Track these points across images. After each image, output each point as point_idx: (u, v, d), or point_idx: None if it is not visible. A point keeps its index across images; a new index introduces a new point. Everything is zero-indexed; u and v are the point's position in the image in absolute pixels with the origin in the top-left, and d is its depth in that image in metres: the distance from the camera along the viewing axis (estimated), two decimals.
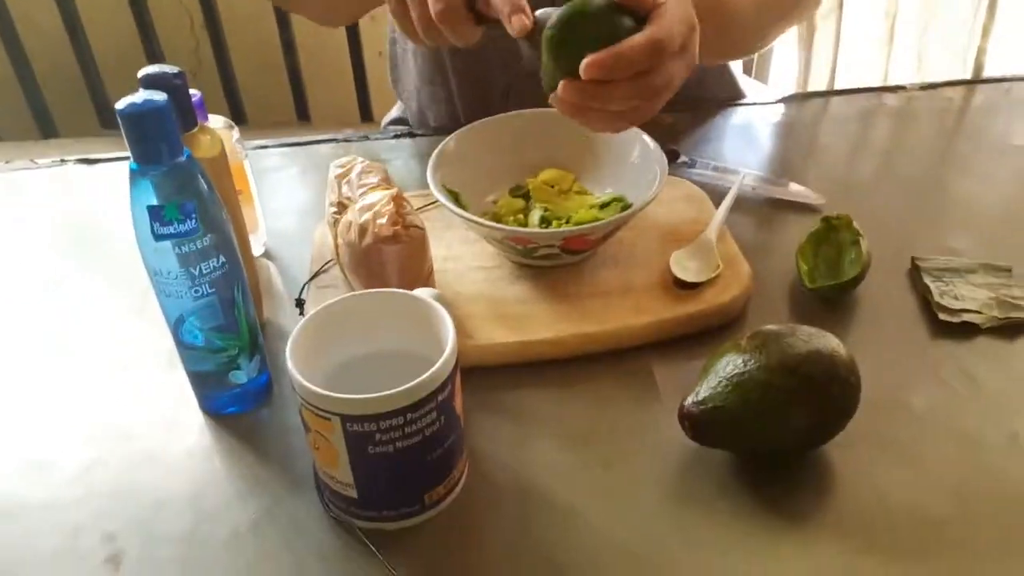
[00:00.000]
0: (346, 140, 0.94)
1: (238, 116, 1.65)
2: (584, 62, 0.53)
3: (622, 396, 0.62)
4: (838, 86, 1.64)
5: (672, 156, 0.84)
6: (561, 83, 0.55)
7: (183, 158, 0.52)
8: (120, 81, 0.58)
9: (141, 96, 0.50)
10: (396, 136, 0.95)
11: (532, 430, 0.60)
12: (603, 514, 0.54)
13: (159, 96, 0.50)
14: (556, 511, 0.55)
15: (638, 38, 0.53)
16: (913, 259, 0.71)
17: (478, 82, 0.93)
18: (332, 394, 0.47)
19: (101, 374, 0.67)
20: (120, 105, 0.49)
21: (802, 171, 0.85)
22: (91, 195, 0.89)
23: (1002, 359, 0.63)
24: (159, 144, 0.50)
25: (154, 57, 1.57)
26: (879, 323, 0.67)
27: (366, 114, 1.67)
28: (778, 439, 0.53)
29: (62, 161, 0.93)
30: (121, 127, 0.50)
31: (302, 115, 1.67)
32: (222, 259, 0.55)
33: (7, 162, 0.94)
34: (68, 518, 0.56)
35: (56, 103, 1.66)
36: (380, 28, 1.60)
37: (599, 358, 0.64)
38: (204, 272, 0.55)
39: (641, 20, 0.55)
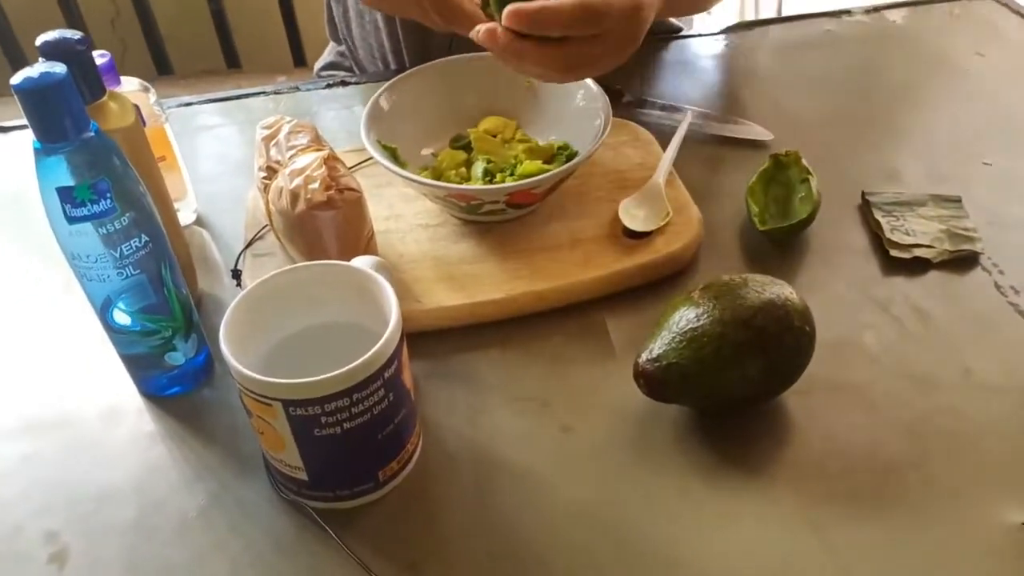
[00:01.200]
0: (276, 92, 0.90)
1: (163, 67, 1.57)
2: (507, 9, 0.52)
3: (576, 354, 0.61)
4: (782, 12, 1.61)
5: (616, 96, 0.81)
6: (482, 27, 0.55)
7: (91, 133, 0.48)
8: (35, 35, 0.53)
9: (38, 69, 0.46)
10: (329, 85, 0.90)
11: (486, 395, 0.58)
12: (562, 477, 0.53)
13: (58, 68, 0.46)
14: (514, 477, 0.53)
15: (568, 1, 0.52)
16: (863, 194, 0.70)
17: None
18: (271, 379, 0.45)
19: (30, 360, 0.63)
20: (15, 80, 0.45)
21: (748, 106, 0.83)
22: (7, 165, 0.84)
23: (954, 294, 0.63)
24: (62, 120, 0.46)
25: (68, 6, 1.47)
26: (831, 262, 0.66)
27: (299, 58, 1.60)
28: (734, 392, 0.52)
29: None
30: (19, 104, 0.46)
31: (232, 62, 1.60)
32: (145, 237, 0.52)
33: None
34: (6, 517, 0.53)
35: None
36: None
37: (551, 315, 0.63)
38: (127, 253, 0.51)
39: None
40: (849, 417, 0.55)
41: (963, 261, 0.65)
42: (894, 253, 0.65)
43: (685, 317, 0.52)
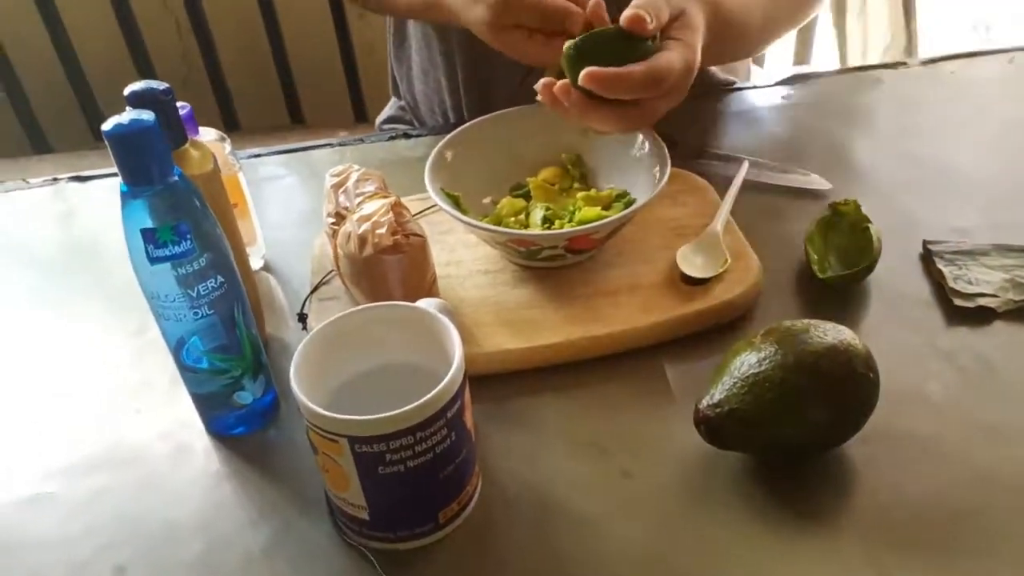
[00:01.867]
0: (341, 144, 0.93)
1: (231, 122, 1.63)
2: (584, 72, 0.58)
3: (635, 399, 0.61)
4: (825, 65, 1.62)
5: (672, 145, 0.82)
6: (560, 83, 0.60)
7: (174, 177, 0.50)
8: (110, 92, 0.56)
9: (128, 116, 0.49)
10: (392, 137, 0.93)
11: (545, 439, 0.59)
12: (621, 523, 0.53)
13: (146, 115, 0.49)
14: (573, 522, 0.53)
15: (638, 69, 0.59)
16: (925, 243, 0.70)
17: (483, 81, 0.92)
18: (339, 416, 0.46)
19: (102, 399, 0.66)
20: (106, 127, 0.48)
21: (805, 155, 0.83)
22: (85, 212, 0.88)
23: (1020, 344, 0.62)
24: (149, 165, 0.49)
25: (142, 65, 1.55)
26: (893, 311, 0.66)
27: (360, 114, 1.65)
28: (796, 439, 0.52)
29: (54, 179, 0.91)
30: (109, 149, 0.48)
31: (296, 118, 1.65)
32: (220, 279, 0.54)
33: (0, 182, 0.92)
34: (74, 552, 0.55)
35: (47, 118, 1.64)
36: (370, 26, 1.59)
37: (609, 360, 0.63)
38: (203, 293, 0.54)
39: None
40: (914, 467, 0.54)
41: None
42: (958, 302, 0.64)
43: (747, 362, 0.52)
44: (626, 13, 0.60)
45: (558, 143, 0.74)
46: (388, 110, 1.10)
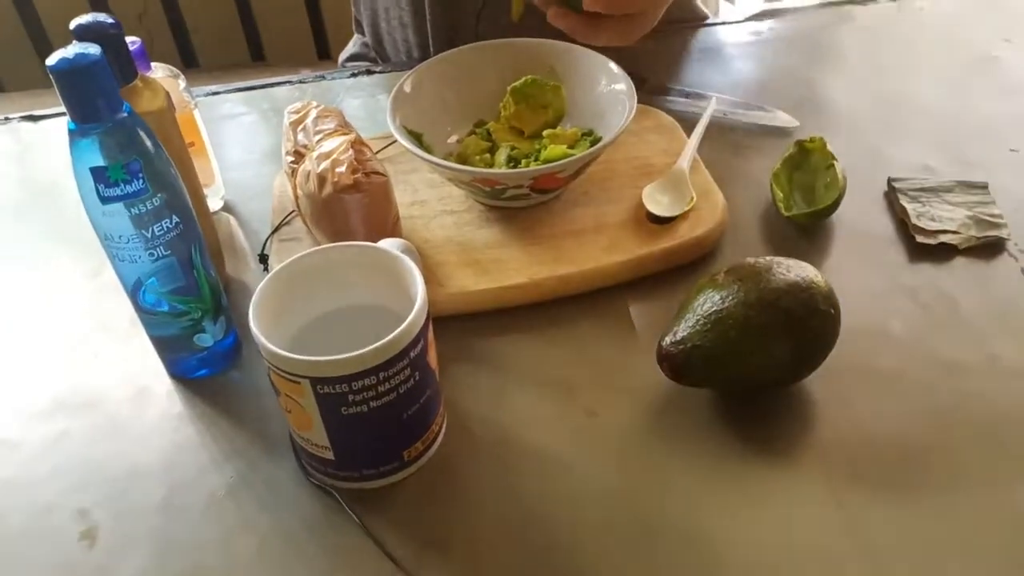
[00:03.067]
0: (301, 81, 0.90)
1: (189, 59, 1.59)
2: None
3: (600, 338, 0.61)
4: None
5: (639, 82, 0.81)
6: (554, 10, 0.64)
7: (124, 114, 0.49)
8: (65, 29, 0.54)
9: (73, 50, 0.47)
10: (354, 74, 0.91)
11: (510, 379, 0.59)
12: (585, 461, 0.54)
13: (92, 49, 0.47)
14: (537, 460, 0.54)
15: None
16: (889, 180, 0.70)
17: (449, 16, 0.90)
18: (299, 357, 0.46)
19: (61, 343, 0.64)
20: (51, 61, 0.46)
21: (773, 93, 0.82)
22: (39, 153, 0.85)
23: (980, 280, 0.63)
24: (96, 101, 0.47)
25: (97, 3, 1.49)
26: (857, 248, 0.66)
27: (323, 51, 1.61)
28: (759, 375, 0.52)
29: (5, 119, 0.88)
30: (54, 84, 0.47)
31: (256, 55, 1.61)
32: (175, 219, 0.53)
33: None
34: (38, 496, 0.54)
35: None
36: None
37: (575, 299, 0.63)
38: (158, 234, 0.52)
39: None
40: (876, 403, 0.55)
41: (989, 247, 0.64)
42: (920, 239, 0.65)
43: (710, 300, 0.52)
44: None
45: (523, 78, 0.73)
46: (351, 47, 1.07)
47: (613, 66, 0.70)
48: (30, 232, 0.75)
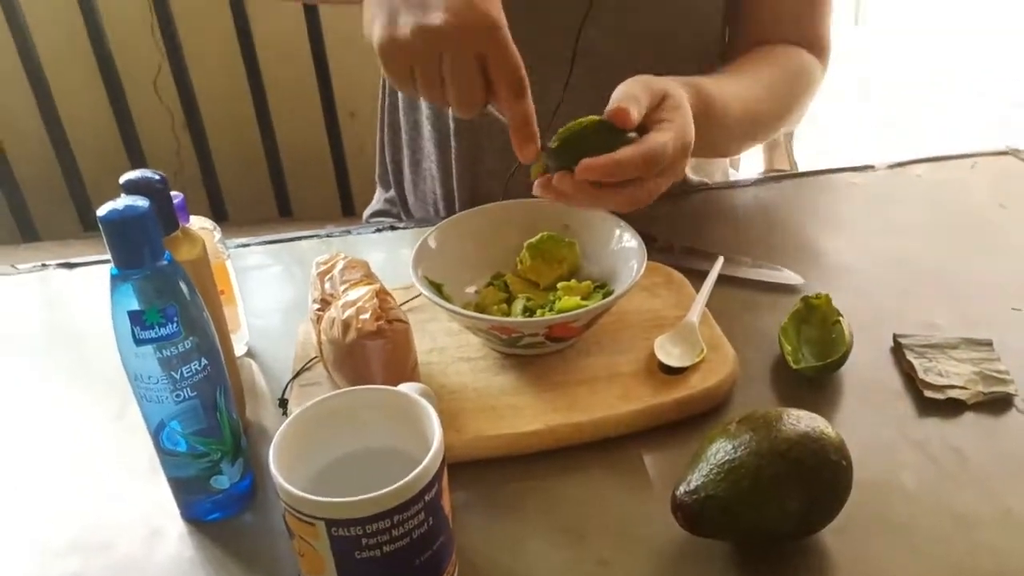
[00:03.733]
0: (328, 236, 0.95)
1: (220, 215, 1.67)
2: (580, 165, 0.60)
3: (614, 486, 0.61)
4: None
5: (650, 241, 0.85)
6: (557, 175, 0.62)
7: (164, 262, 0.52)
8: (102, 183, 0.58)
9: (123, 202, 0.50)
10: (378, 230, 0.96)
11: (524, 525, 0.59)
12: None
13: (141, 202, 0.50)
14: None
15: (631, 151, 0.61)
16: (895, 336, 0.72)
17: (474, 175, 0.95)
18: (315, 497, 0.46)
19: (80, 483, 0.65)
20: (101, 212, 0.50)
21: (778, 252, 0.86)
22: (71, 299, 0.89)
23: (989, 434, 0.63)
24: (141, 249, 0.50)
25: (136, 157, 1.58)
26: (866, 401, 0.67)
27: (348, 208, 1.68)
28: (772, 525, 0.52)
29: (43, 265, 0.93)
30: (102, 233, 0.50)
31: (284, 212, 1.69)
32: (204, 362, 0.55)
33: None
34: None
35: (38, 207, 1.67)
36: (359, 125, 1.64)
37: (588, 448, 0.64)
38: (186, 376, 0.54)
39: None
40: (890, 556, 0.55)
41: (997, 403, 0.65)
42: (928, 394, 0.66)
43: (722, 449, 0.53)
44: (610, 108, 0.63)
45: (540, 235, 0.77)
46: (376, 203, 1.13)
47: (625, 224, 0.74)
48: (57, 374, 0.77)
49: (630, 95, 0.64)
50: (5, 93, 1.59)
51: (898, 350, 0.71)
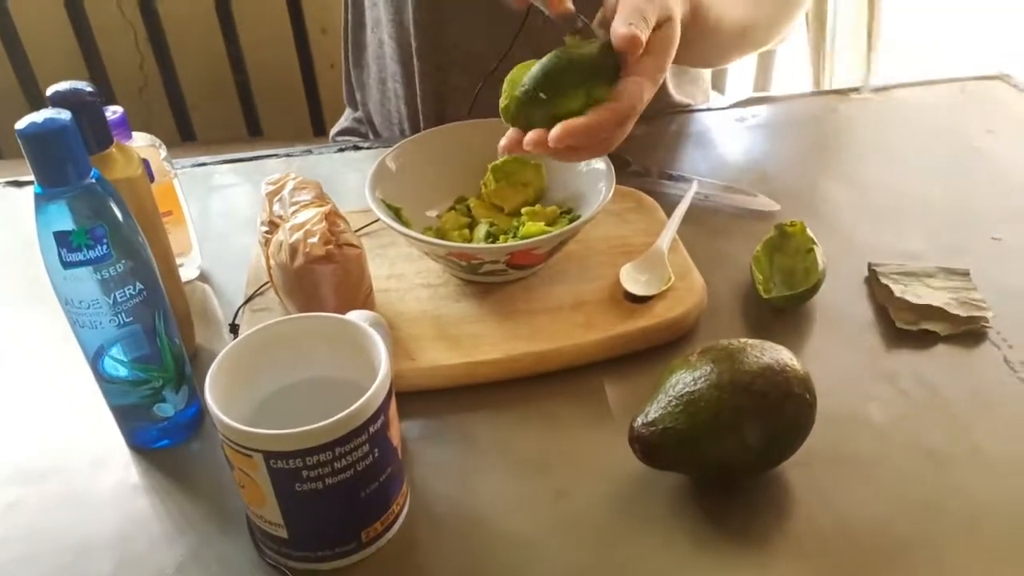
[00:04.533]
0: (288, 155, 0.91)
1: (187, 134, 1.61)
2: (555, 132, 0.54)
3: (574, 418, 0.59)
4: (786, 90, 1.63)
5: (622, 164, 0.82)
6: (530, 138, 0.56)
7: (92, 180, 0.48)
8: None
9: (43, 115, 0.47)
10: (341, 149, 0.92)
11: (479, 458, 0.57)
12: (554, 544, 0.51)
13: (63, 115, 0.47)
14: (504, 542, 0.52)
15: (607, 113, 0.55)
16: (870, 265, 0.69)
17: (439, 93, 0.90)
18: (252, 430, 0.44)
19: (23, 409, 0.63)
20: (20, 125, 0.46)
21: (755, 178, 0.83)
22: (20, 218, 0.85)
23: (961, 368, 0.61)
24: (63, 166, 0.47)
25: (97, 73, 1.52)
26: (836, 333, 0.65)
27: (319, 128, 1.63)
28: (732, 460, 0.51)
29: None
30: (22, 148, 0.46)
31: (254, 131, 1.63)
32: (140, 286, 0.52)
33: None
34: None
35: None
36: (331, 41, 1.57)
37: (549, 377, 0.62)
38: (119, 300, 0.51)
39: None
40: (854, 491, 0.53)
41: (971, 335, 0.63)
42: (901, 325, 0.64)
43: (682, 381, 0.51)
44: (621, 31, 0.55)
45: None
46: (343, 121, 1.09)
47: None
48: (5, 295, 0.74)
49: (637, 10, 0.56)
50: None
51: (873, 279, 0.69)
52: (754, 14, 0.80)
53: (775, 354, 0.52)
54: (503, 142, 0.58)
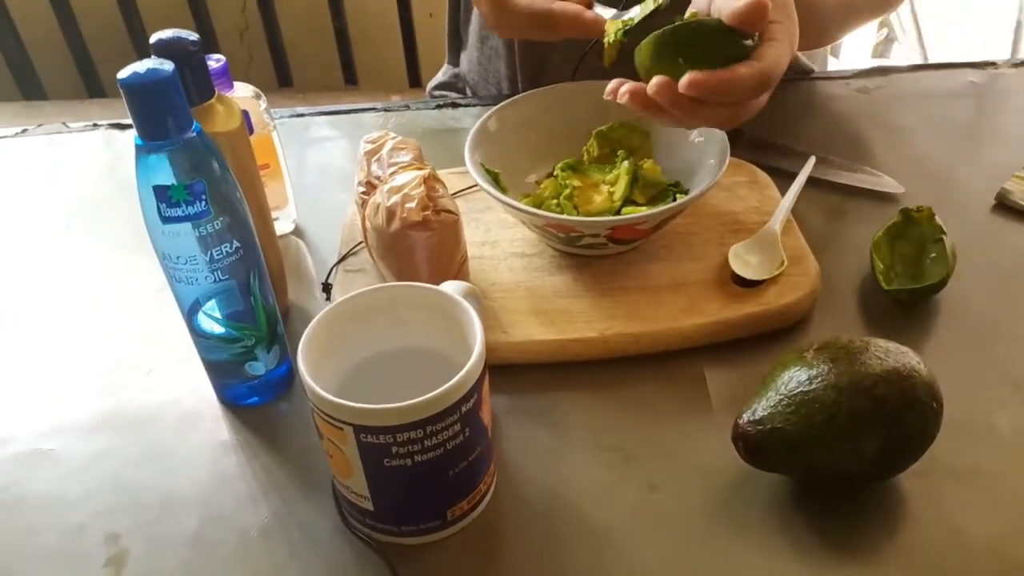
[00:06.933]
0: (386, 109, 0.89)
1: (284, 79, 1.61)
2: (687, 78, 0.51)
3: (669, 405, 0.56)
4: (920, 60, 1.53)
5: (735, 135, 0.77)
6: (655, 81, 0.52)
7: (193, 134, 0.47)
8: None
9: (145, 65, 0.45)
10: (439, 106, 0.89)
11: (568, 440, 0.55)
12: (642, 540, 0.49)
13: (165, 65, 0.45)
14: (590, 533, 0.50)
15: (747, 72, 0.51)
16: None
17: (540, 53, 0.87)
18: (344, 402, 0.43)
19: (117, 356, 0.63)
20: (122, 75, 0.45)
21: (879, 155, 0.77)
22: (123, 161, 0.86)
23: None
24: (164, 119, 0.46)
25: (202, 17, 1.53)
26: (963, 334, 0.60)
27: (414, 79, 1.61)
28: (845, 468, 0.47)
29: (95, 125, 0.90)
30: (124, 98, 0.45)
31: (350, 80, 1.63)
32: (236, 243, 0.51)
33: (39, 124, 0.91)
34: (69, 515, 0.53)
35: (102, 63, 1.64)
36: None
37: (646, 360, 0.59)
38: (216, 257, 0.50)
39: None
40: (974, 508, 0.49)
41: None
42: None
43: (796, 379, 0.48)
44: (743, 6, 0.50)
45: (611, 121, 0.69)
46: (440, 76, 1.06)
47: None
48: (106, 241, 0.75)
49: None
50: None
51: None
52: None
53: (900, 356, 0.48)
54: (621, 88, 0.54)
